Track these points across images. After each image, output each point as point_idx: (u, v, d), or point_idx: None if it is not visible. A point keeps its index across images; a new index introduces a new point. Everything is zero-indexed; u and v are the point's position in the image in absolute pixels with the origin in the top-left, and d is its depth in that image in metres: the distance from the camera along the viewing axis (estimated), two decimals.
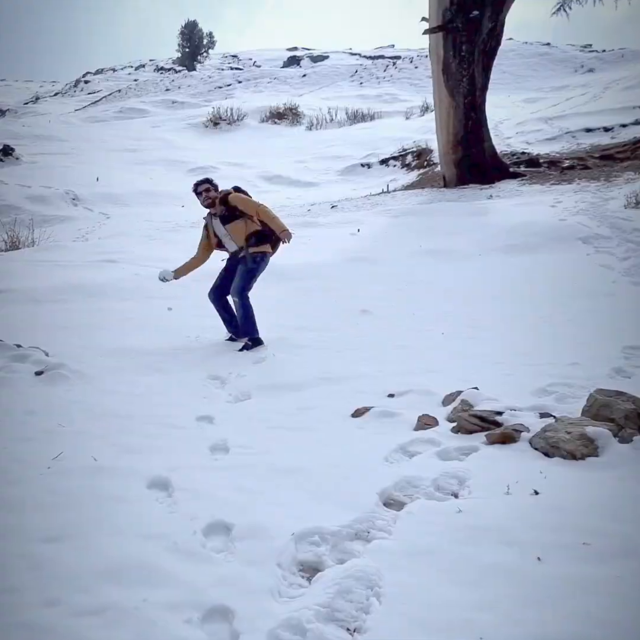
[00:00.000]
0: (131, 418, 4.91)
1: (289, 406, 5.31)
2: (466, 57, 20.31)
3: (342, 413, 5.10)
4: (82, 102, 57.02)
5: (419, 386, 5.54)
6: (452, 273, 10.37)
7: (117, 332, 7.68)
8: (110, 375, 6.02)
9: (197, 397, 5.56)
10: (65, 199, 22.45)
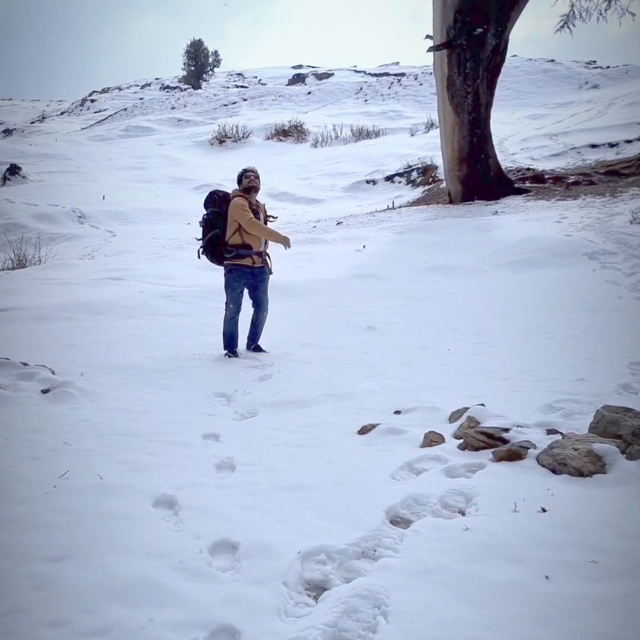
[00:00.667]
0: (137, 436, 4.90)
1: (295, 423, 5.29)
2: (470, 74, 20.41)
3: (348, 430, 5.08)
4: (89, 121, 57.33)
5: (425, 403, 5.52)
6: (458, 289, 10.38)
7: (122, 349, 7.69)
8: (116, 393, 6.01)
9: (203, 415, 5.55)
10: (71, 217, 22.56)
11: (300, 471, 4.26)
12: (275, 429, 5.18)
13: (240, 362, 7.32)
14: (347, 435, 5.00)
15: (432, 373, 6.64)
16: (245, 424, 5.38)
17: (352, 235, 16.11)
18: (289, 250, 8.35)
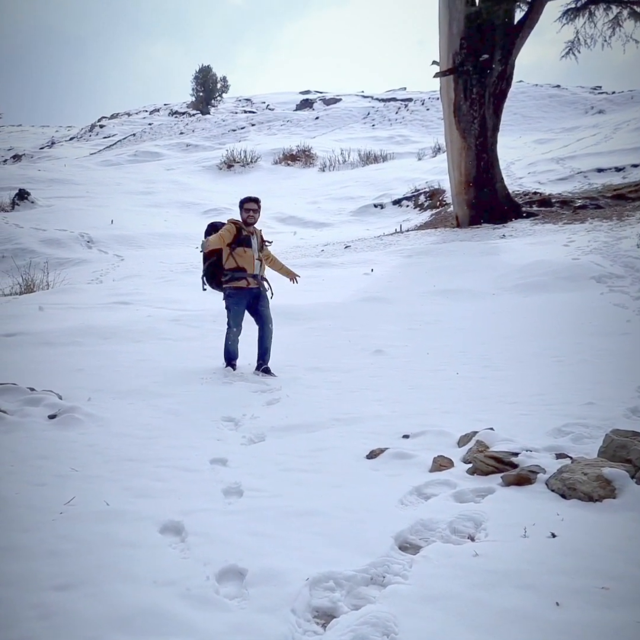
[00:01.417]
0: (144, 461, 4.88)
1: (303, 448, 5.26)
2: (477, 100, 20.54)
3: (357, 454, 5.05)
4: (97, 146, 57.70)
5: (434, 427, 5.49)
6: (466, 312, 10.37)
7: (130, 373, 7.69)
8: (123, 418, 6.00)
9: (211, 439, 5.52)
10: (79, 242, 22.68)
11: (308, 497, 4.24)
12: (283, 453, 5.15)
13: (248, 386, 7.30)
14: (355, 459, 4.97)
15: (441, 397, 6.61)
16: (253, 449, 5.35)
17: (360, 259, 16.14)
18: (300, 275, 9.18)
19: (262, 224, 22.25)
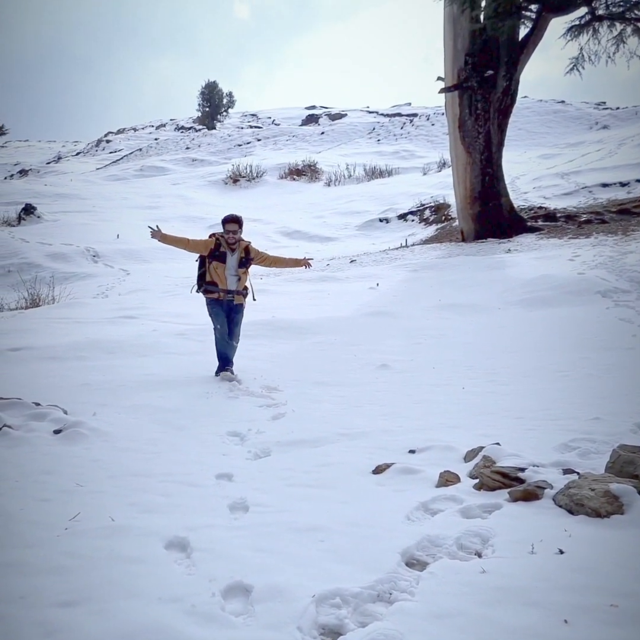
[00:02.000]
0: (149, 476, 4.87)
1: (309, 463, 5.23)
2: (482, 115, 20.57)
3: (362, 469, 5.02)
4: (104, 161, 57.94)
5: (440, 442, 5.46)
6: (472, 327, 10.35)
7: (135, 388, 7.68)
8: (128, 433, 5.98)
9: (217, 454, 5.50)
10: (85, 256, 22.73)
11: (314, 512, 4.21)
12: (288, 468, 5.12)
13: (254, 400, 7.27)
14: (361, 475, 4.94)
15: (447, 411, 6.57)
16: (258, 464, 5.32)
17: (366, 273, 16.14)
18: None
19: (268, 238, 22.36)
